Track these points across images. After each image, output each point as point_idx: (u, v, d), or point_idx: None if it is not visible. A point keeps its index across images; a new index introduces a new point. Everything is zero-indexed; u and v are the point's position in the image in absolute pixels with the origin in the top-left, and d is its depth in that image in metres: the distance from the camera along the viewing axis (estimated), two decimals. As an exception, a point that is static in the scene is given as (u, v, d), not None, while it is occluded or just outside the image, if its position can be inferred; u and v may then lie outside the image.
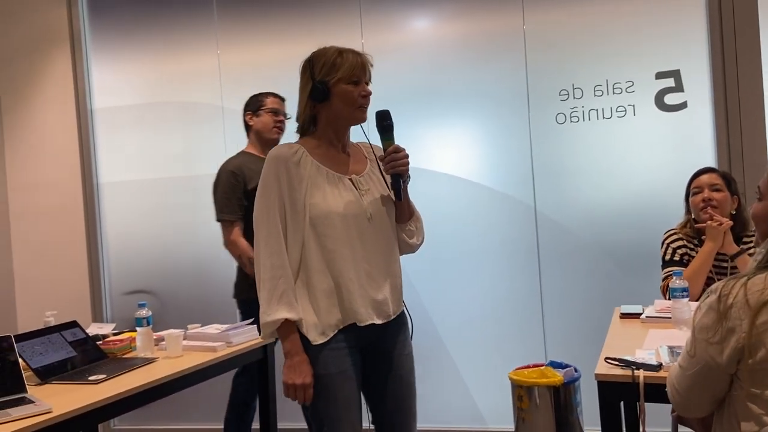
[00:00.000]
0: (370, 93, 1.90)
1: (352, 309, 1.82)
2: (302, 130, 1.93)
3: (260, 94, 3.16)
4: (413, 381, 2.00)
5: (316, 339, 1.81)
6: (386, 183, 1.95)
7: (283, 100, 3.17)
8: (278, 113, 3.12)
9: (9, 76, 4.15)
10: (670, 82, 3.25)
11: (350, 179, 1.90)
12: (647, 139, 3.30)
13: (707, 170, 2.67)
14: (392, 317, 1.92)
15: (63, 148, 4.08)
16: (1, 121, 4.16)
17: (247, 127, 3.18)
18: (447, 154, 3.59)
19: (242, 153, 3.17)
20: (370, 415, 2.02)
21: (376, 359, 1.93)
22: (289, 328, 1.79)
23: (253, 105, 3.14)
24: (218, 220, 3.11)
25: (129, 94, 4.05)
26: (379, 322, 1.87)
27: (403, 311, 1.99)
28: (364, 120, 1.90)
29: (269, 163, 1.84)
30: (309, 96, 1.86)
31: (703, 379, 1.41)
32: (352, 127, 1.96)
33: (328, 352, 1.81)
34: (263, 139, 3.12)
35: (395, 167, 1.87)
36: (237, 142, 3.87)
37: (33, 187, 4.12)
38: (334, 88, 1.85)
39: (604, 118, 3.35)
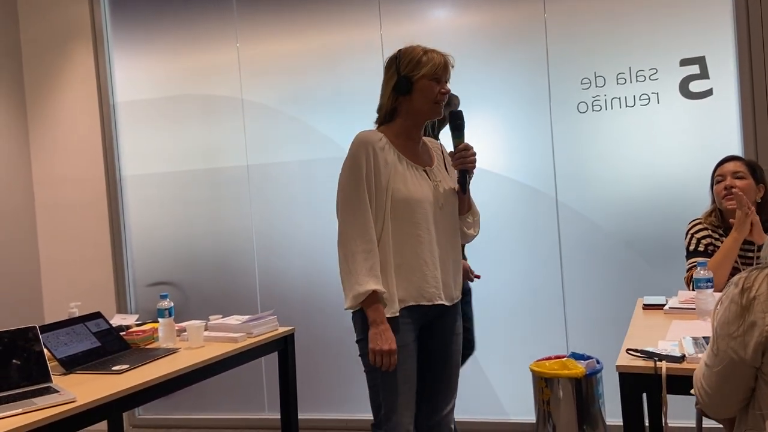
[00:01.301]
0: (449, 91, 2.04)
1: (423, 288, 1.98)
2: (381, 120, 2.07)
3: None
4: (459, 359, 2.19)
5: (389, 312, 1.94)
6: (450, 177, 2.13)
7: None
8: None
9: (33, 71, 4.21)
10: (695, 69, 3.19)
11: (425, 170, 2.06)
12: (671, 128, 3.24)
13: (731, 158, 2.61)
14: (455, 301, 2.10)
15: (86, 142, 4.13)
16: (26, 115, 4.23)
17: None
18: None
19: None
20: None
21: (433, 337, 2.09)
22: (375, 298, 1.92)
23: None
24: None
25: (150, 88, 4.09)
26: (447, 303, 2.05)
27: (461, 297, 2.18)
28: (440, 115, 2.04)
29: (358, 146, 1.96)
30: (393, 88, 2.00)
31: (730, 376, 1.37)
32: None
33: (398, 325, 1.95)
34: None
35: (464, 163, 2.04)
36: (257, 134, 3.90)
37: (58, 181, 4.18)
38: (417, 82, 1.99)
39: (627, 106, 3.30)
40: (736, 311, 1.34)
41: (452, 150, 2.08)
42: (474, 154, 2.06)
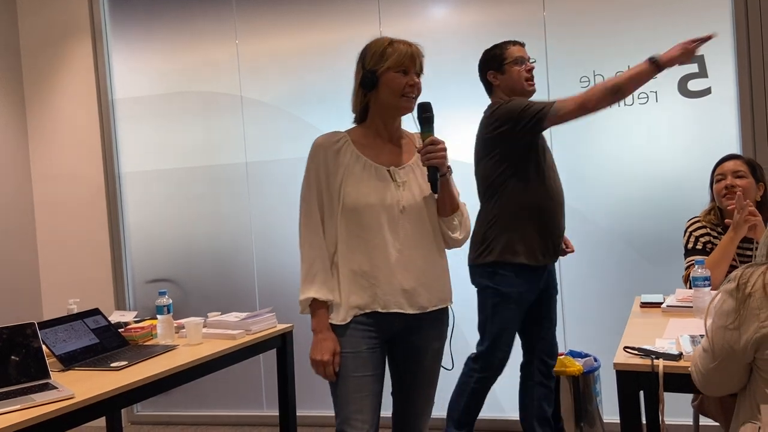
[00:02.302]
0: (417, 83, 1.91)
1: (377, 295, 1.87)
2: (357, 120, 1.99)
3: (497, 46, 2.76)
4: (434, 378, 2.04)
5: (337, 319, 1.88)
6: (423, 177, 1.97)
7: (523, 45, 2.78)
8: (524, 61, 2.73)
9: (31, 67, 4.20)
10: (693, 68, 3.19)
11: (388, 170, 1.93)
12: (670, 126, 3.25)
13: (731, 157, 2.61)
14: (428, 310, 1.94)
15: (85, 138, 4.12)
16: (24, 112, 4.22)
17: (489, 87, 2.80)
18: (466, 143, 3.57)
19: None
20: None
21: (403, 350, 1.99)
22: (317, 306, 1.88)
23: (494, 60, 2.74)
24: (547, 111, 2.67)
25: (149, 85, 4.08)
26: (411, 311, 1.90)
27: (446, 308, 2.02)
28: (410, 110, 1.93)
29: (312, 150, 1.93)
30: (360, 84, 1.92)
31: (724, 364, 1.43)
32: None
33: (349, 332, 1.88)
34: (517, 95, 2.70)
35: (430, 159, 1.88)
36: (256, 131, 3.90)
37: (56, 178, 4.18)
38: (382, 76, 1.88)
39: (625, 105, 3.30)
40: (731, 305, 1.38)
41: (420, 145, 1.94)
42: (444, 149, 1.89)
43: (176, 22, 4.01)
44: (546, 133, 3.39)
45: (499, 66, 2.73)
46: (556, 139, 3.39)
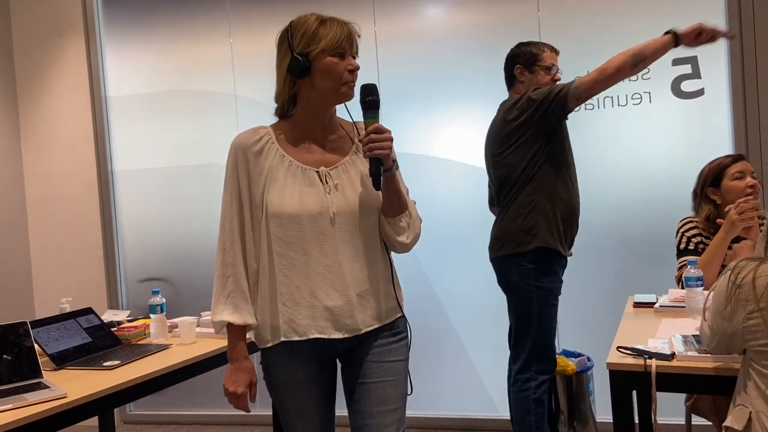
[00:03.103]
0: (357, 67, 1.65)
1: (293, 320, 1.62)
2: (281, 112, 1.72)
3: (535, 44, 2.75)
4: (389, 395, 1.70)
5: (263, 342, 1.68)
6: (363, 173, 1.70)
7: (558, 52, 2.79)
8: (554, 71, 2.74)
9: (24, 64, 4.18)
10: (686, 69, 3.21)
11: (317, 172, 1.66)
12: (663, 127, 3.26)
13: (742, 157, 2.59)
14: (362, 331, 1.66)
15: (78, 136, 4.11)
16: (17, 109, 4.20)
17: (511, 81, 2.79)
18: (459, 142, 3.58)
19: None
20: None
21: (350, 369, 1.74)
22: (232, 331, 1.67)
23: (528, 58, 2.73)
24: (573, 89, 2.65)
25: (142, 83, 4.07)
26: (337, 335, 1.64)
27: (394, 321, 1.73)
28: (350, 98, 1.66)
29: (230, 152, 1.67)
30: (288, 71, 1.63)
31: (720, 339, 1.53)
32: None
33: (277, 357, 1.67)
34: None
35: (373, 149, 1.58)
36: (250, 130, 3.88)
37: (49, 176, 4.16)
38: (316, 61, 1.61)
39: (619, 105, 3.31)
40: (724, 293, 1.48)
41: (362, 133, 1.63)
42: (389, 138, 1.60)
43: (170, 19, 3.99)
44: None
45: (530, 65, 2.73)
46: (550, 139, 3.40)
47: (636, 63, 2.39)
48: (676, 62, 3.21)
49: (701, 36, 2.37)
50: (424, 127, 3.61)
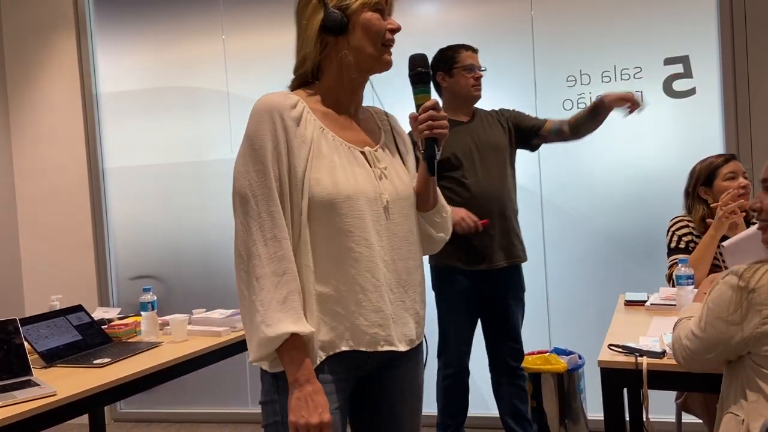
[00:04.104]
0: (399, 28, 1.42)
1: (359, 328, 1.34)
2: (299, 83, 1.44)
3: (451, 48, 2.80)
4: (417, 422, 1.51)
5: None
6: (404, 162, 1.51)
7: (476, 51, 2.82)
8: (474, 69, 2.77)
9: (15, 60, 4.15)
10: (678, 68, 3.22)
11: (363, 152, 1.41)
12: (655, 126, 3.27)
13: (733, 157, 2.61)
14: (416, 343, 1.45)
15: (69, 133, 4.08)
16: (7, 105, 4.17)
17: (438, 88, 2.83)
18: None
19: None
20: None
21: (378, 397, 1.46)
22: (295, 345, 1.27)
23: (446, 63, 2.78)
24: None
25: (134, 79, 4.05)
26: (402, 348, 1.40)
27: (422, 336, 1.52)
28: (389, 65, 1.43)
29: (260, 114, 1.32)
30: (321, 28, 1.37)
31: (714, 350, 1.46)
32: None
33: (323, 377, 1.33)
34: (461, 99, 2.79)
35: (433, 128, 1.40)
36: (242, 127, 3.87)
37: (39, 172, 4.13)
38: (356, 15, 1.37)
39: (611, 104, 3.32)
40: (732, 298, 1.40)
41: (413, 112, 1.44)
42: (446, 116, 1.42)
43: (162, 16, 3.97)
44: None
45: (448, 68, 2.78)
46: (543, 137, 3.41)
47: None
48: (668, 61, 3.22)
49: (455, 225, 2.56)
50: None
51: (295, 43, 1.44)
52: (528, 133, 2.81)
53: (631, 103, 2.59)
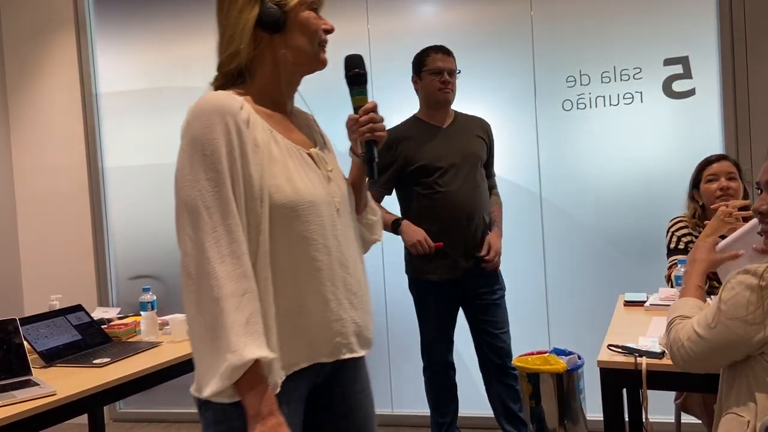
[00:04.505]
0: (333, 28, 1.39)
1: (322, 339, 1.28)
2: (223, 81, 1.34)
3: (422, 51, 2.82)
4: (374, 426, 1.44)
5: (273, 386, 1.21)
6: (336, 162, 1.45)
7: (448, 53, 2.80)
8: (442, 72, 2.76)
9: (15, 59, 4.15)
10: (678, 69, 3.22)
11: (310, 154, 1.34)
12: (654, 127, 3.27)
13: (721, 157, 2.62)
14: (372, 343, 1.42)
15: (68, 132, 4.08)
16: (6, 105, 4.17)
17: (416, 92, 2.89)
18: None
19: (412, 118, 2.90)
20: None
21: (333, 404, 1.38)
22: (256, 373, 1.15)
23: (416, 66, 2.83)
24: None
25: (134, 79, 4.04)
26: (361, 353, 1.36)
27: None
28: (325, 64, 1.38)
29: (210, 116, 1.20)
30: (257, 23, 1.28)
31: (722, 350, 1.44)
32: None
33: (283, 403, 1.21)
34: (431, 102, 2.82)
35: (374, 131, 1.37)
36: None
37: (38, 171, 4.13)
38: (294, 13, 1.30)
39: (611, 105, 3.32)
40: (750, 298, 1.38)
41: (351, 114, 1.41)
42: (383, 118, 1.39)
43: (162, 16, 3.97)
44: (532, 131, 3.42)
45: (418, 71, 2.82)
46: (542, 136, 3.41)
47: None
48: (668, 62, 3.22)
49: (409, 247, 2.73)
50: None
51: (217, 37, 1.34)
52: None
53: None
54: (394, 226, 2.76)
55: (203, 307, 1.15)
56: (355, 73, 1.41)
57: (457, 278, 2.77)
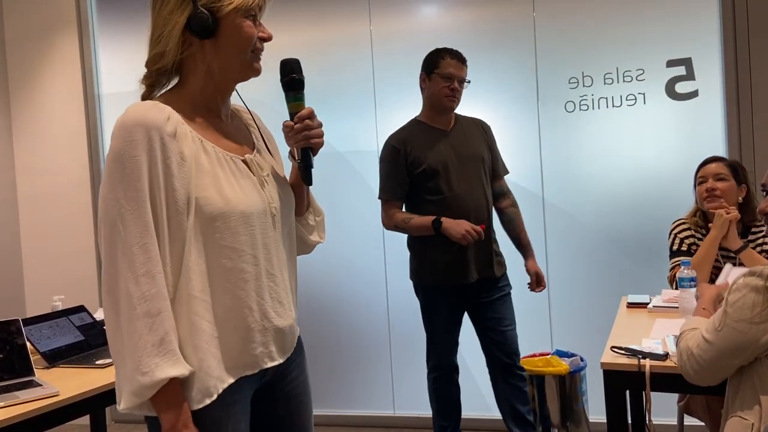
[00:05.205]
0: (271, 37, 1.35)
1: (245, 352, 1.29)
2: (154, 79, 1.33)
3: (438, 51, 2.78)
4: (310, 421, 1.49)
5: (199, 400, 1.22)
6: (276, 164, 1.45)
7: (462, 61, 2.77)
8: (453, 79, 2.72)
9: (17, 60, 4.15)
10: (681, 71, 3.22)
11: (244, 161, 1.33)
12: (657, 128, 3.27)
13: (713, 159, 2.64)
14: (293, 347, 1.43)
15: (70, 132, 4.08)
16: (9, 105, 4.17)
17: (421, 88, 2.85)
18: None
19: (413, 121, 2.86)
20: None
21: (271, 404, 1.42)
22: (172, 390, 1.18)
23: (428, 65, 2.78)
24: (378, 198, 2.85)
25: (136, 80, 4.03)
26: (281, 360, 1.37)
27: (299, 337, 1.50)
28: (258, 72, 1.36)
29: (132, 132, 1.19)
30: (187, 27, 1.26)
31: (731, 354, 1.44)
32: None
33: (219, 414, 1.25)
34: (435, 106, 2.79)
35: (309, 138, 1.37)
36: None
37: (41, 172, 4.13)
38: (226, 19, 1.27)
39: (614, 106, 3.32)
40: (757, 299, 1.39)
41: (287, 120, 1.39)
42: (320, 124, 1.38)
43: (164, 17, 3.97)
44: (534, 132, 3.42)
45: (429, 71, 2.78)
46: (545, 138, 3.41)
47: (399, 230, 2.79)
48: (671, 64, 3.22)
49: (459, 240, 2.63)
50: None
51: (150, 32, 1.33)
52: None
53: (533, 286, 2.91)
54: (435, 226, 2.66)
55: (119, 326, 1.18)
56: (291, 78, 1.39)
57: (467, 284, 2.75)
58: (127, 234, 1.17)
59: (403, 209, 2.82)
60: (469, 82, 2.81)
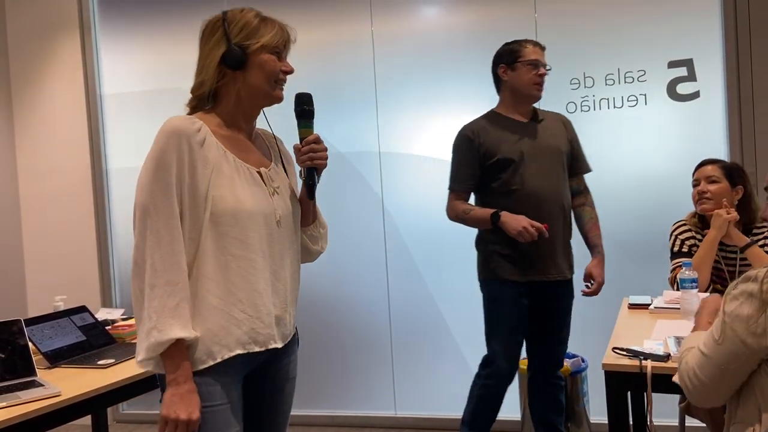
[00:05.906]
0: (293, 70, 1.63)
1: (256, 330, 1.52)
2: (196, 103, 1.62)
3: (516, 42, 2.70)
4: (288, 410, 1.74)
5: (203, 361, 1.46)
6: (290, 181, 1.72)
7: (543, 48, 2.72)
8: (539, 65, 2.66)
9: (19, 60, 4.16)
10: (682, 72, 3.22)
11: (259, 172, 1.59)
12: (658, 130, 3.27)
13: (708, 162, 2.65)
14: (289, 338, 1.65)
15: (72, 133, 4.09)
16: (11, 106, 4.18)
17: (498, 83, 2.76)
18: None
19: (490, 113, 2.77)
20: None
21: (260, 388, 1.65)
22: (178, 349, 1.42)
23: (509, 56, 2.69)
24: (448, 188, 2.76)
25: (138, 81, 4.05)
26: (280, 345, 1.59)
27: (296, 334, 1.74)
28: (280, 100, 1.63)
29: (167, 138, 1.48)
30: (221, 61, 1.56)
31: (732, 366, 1.37)
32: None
33: (216, 379, 1.48)
34: (520, 96, 2.69)
35: (313, 159, 1.62)
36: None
37: (43, 173, 4.14)
38: (255, 55, 1.56)
39: (615, 107, 3.32)
40: (754, 306, 1.34)
41: (297, 143, 1.65)
42: (325, 148, 1.64)
43: (166, 17, 3.98)
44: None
45: (511, 62, 2.67)
46: (546, 140, 3.40)
47: (459, 221, 2.70)
48: (672, 65, 3.22)
49: (515, 236, 2.51)
50: (420, 126, 3.61)
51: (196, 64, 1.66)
52: (568, 166, 2.74)
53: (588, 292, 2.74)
54: (493, 219, 2.55)
55: (143, 291, 1.44)
56: (303, 109, 1.65)
57: (539, 282, 2.62)
58: (156, 216, 1.44)
59: (471, 202, 2.71)
60: (550, 68, 2.71)
